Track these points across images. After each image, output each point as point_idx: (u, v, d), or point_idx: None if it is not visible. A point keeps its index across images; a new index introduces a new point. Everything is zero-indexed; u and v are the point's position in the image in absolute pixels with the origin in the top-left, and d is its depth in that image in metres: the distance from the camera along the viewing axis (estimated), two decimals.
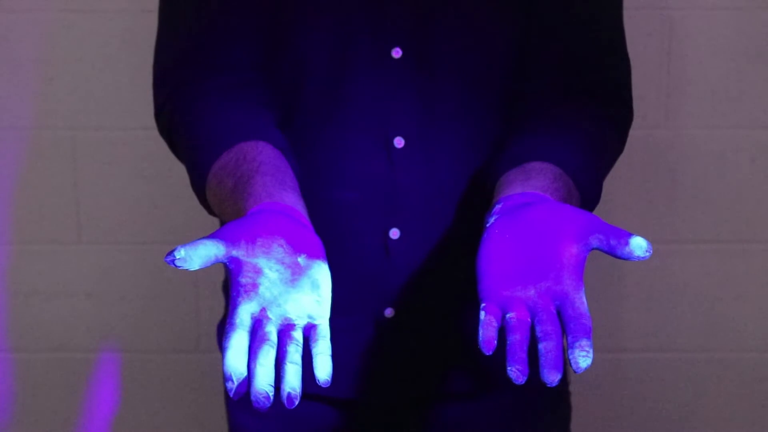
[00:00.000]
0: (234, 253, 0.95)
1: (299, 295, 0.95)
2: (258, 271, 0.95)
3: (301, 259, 0.97)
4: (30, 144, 1.94)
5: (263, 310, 0.93)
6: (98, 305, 2.00)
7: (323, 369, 0.91)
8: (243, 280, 0.94)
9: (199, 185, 1.18)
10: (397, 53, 1.26)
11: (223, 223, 1.07)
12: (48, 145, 1.94)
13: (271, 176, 1.09)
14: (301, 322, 0.94)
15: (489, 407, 1.38)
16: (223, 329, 1.44)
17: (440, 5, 1.26)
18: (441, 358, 1.34)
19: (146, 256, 1.98)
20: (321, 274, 0.97)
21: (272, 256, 0.96)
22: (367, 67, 1.26)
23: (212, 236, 0.95)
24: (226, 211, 1.11)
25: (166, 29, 1.30)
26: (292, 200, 1.06)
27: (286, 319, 0.93)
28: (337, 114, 1.28)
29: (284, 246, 0.97)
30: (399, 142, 1.27)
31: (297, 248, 0.97)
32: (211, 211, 1.20)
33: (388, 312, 1.31)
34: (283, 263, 0.96)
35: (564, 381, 1.48)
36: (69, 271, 1.98)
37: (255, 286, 0.94)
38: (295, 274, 0.96)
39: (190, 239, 1.92)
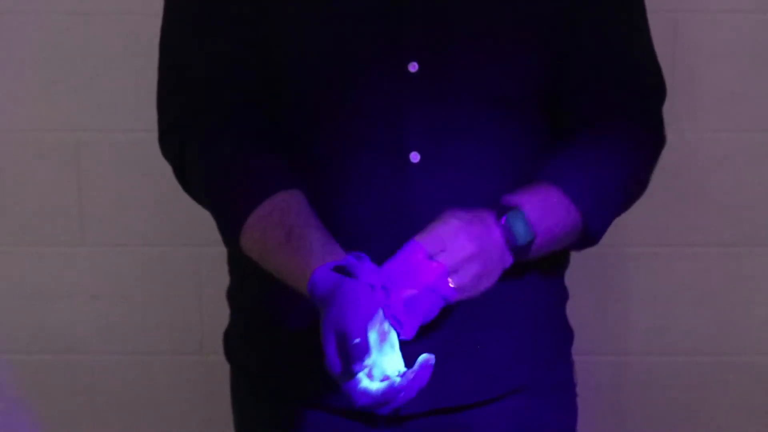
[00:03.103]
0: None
1: (388, 358, 1.15)
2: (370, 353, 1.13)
3: (386, 326, 1.15)
4: (34, 146, 1.94)
5: (369, 371, 1.13)
6: (102, 307, 2.00)
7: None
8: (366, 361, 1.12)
9: (234, 229, 1.27)
10: (413, 67, 1.26)
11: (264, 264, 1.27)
12: (52, 147, 1.94)
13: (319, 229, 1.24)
14: (394, 374, 1.14)
15: (496, 410, 1.38)
16: (230, 338, 1.47)
17: (459, 19, 1.26)
18: (453, 368, 1.34)
19: (150, 258, 1.98)
20: (393, 335, 1.16)
21: (374, 327, 1.13)
22: (383, 80, 1.26)
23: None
24: (279, 260, 1.23)
25: (169, 51, 1.34)
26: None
27: (384, 375, 1.14)
28: (352, 128, 1.28)
29: (380, 316, 1.14)
30: (415, 157, 1.28)
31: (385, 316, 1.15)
32: (233, 248, 1.30)
33: None
34: (377, 331, 1.14)
35: (570, 383, 1.48)
36: (73, 273, 1.98)
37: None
38: (383, 340, 1.14)
39: (193, 241, 1.95)
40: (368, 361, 1.11)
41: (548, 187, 1.27)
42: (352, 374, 1.11)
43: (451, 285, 1.17)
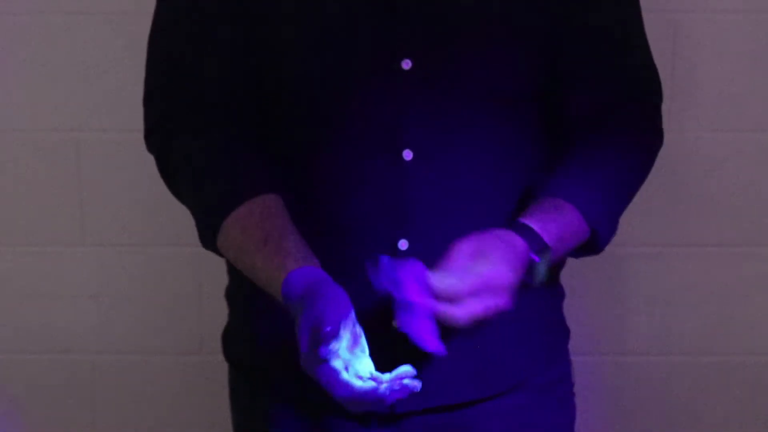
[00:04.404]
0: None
1: (360, 360, 1.15)
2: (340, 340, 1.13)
3: (358, 329, 1.15)
4: (34, 146, 1.94)
5: (346, 367, 1.14)
6: (102, 307, 2.00)
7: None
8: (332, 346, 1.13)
9: (211, 226, 1.28)
10: (406, 65, 1.26)
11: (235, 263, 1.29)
12: (52, 147, 1.94)
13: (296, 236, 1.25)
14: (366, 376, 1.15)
15: (492, 408, 1.38)
16: (229, 338, 1.48)
17: (452, 15, 1.26)
18: (450, 366, 1.34)
19: (150, 257, 1.98)
20: (363, 340, 1.16)
21: (347, 326, 1.13)
22: (376, 78, 1.26)
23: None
24: (255, 261, 1.24)
25: (158, 47, 1.35)
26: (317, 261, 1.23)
27: (358, 375, 1.14)
28: (346, 125, 1.28)
29: (353, 318, 1.14)
30: (408, 155, 1.28)
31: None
32: (208, 244, 1.31)
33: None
34: (350, 332, 1.14)
35: (567, 382, 1.49)
36: (73, 273, 1.99)
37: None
38: (355, 343, 1.14)
39: (193, 241, 1.94)
40: (336, 346, 1.11)
41: (568, 210, 1.27)
42: (318, 359, 1.11)
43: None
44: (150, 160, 1.88)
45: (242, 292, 1.43)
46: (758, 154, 1.91)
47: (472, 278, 1.15)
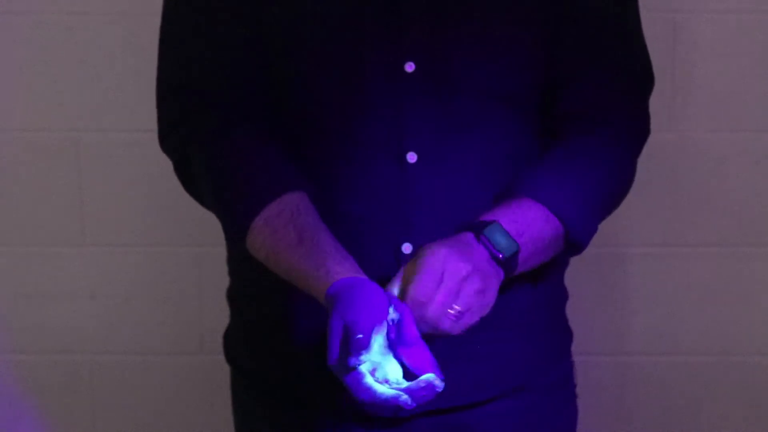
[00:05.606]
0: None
1: (391, 364, 1.14)
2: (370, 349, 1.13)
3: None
4: (34, 146, 1.94)
5: (373, 370, 1.14)
6: (102, 307, 2.00)
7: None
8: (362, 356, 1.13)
9: (240, 228, 1.26)
10: (410, 67, 1.26)
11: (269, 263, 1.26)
12: (52, 147, 1.94)
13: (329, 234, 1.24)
14: (394, 380, 1.15)
15: (495, 410, 1.39)
16: (231, 340, 1.47)
17: (454, 18, 1.26)
18: (453, 368, 1.33)
19: (150, 257, 1.98)
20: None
21: (380, 330, 1.13)
22: (380, 81, 1.26)
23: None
24: (291, 263, 1.23)
25: (170, 48, 1.33)
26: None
27: (386, 378, 1.14)
28: (349, 127, 1.28)
29: (385, 326, 1.13)
30: (412, 157, 1.28)
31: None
32: (237, 247, 1.29)
33: None
34: (384, 336, 1.13)
35: (570, 383, 1.49)
36: (73, 273, 1.99)
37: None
38: (386, 347, 1.14)
39: (193, 241, 1.95)
40: (365, 358, 1.11)
41: (522, 199, 1.26)
42: (347, 367, 1.11)
43: (456, 308, 1.17)
44: (150, 160, 1.89)
45: (244, 293, 1.43)
46: (758, 154, 1.91)
47: (418, 274, 1.16)
